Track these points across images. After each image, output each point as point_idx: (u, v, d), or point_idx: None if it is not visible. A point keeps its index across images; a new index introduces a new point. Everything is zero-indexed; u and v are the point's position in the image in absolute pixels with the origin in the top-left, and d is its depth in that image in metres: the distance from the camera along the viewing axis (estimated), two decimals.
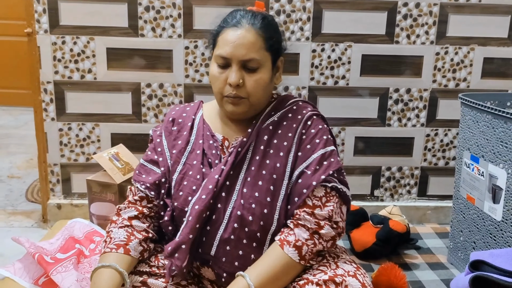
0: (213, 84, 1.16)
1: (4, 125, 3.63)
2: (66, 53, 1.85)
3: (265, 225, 1.13)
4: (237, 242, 1.13)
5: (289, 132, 1.17)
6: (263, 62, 1.13)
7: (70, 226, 1.70)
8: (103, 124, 1.93)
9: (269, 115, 1.20)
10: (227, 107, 1.16)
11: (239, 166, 1.16)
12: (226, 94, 1.13)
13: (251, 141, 1.17)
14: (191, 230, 1.11)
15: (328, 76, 1.93)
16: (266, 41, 1.13)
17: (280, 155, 1.15)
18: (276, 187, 1.13)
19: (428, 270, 1.68)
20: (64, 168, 1.96)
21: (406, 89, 1.96)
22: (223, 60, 1.12)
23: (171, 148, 1.22)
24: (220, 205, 1.14)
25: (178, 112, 1.27)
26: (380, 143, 2.01)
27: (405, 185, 2.07)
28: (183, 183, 1.17)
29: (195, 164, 1.18)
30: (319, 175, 1.12)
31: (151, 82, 1.90)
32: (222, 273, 1.15)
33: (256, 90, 1.13)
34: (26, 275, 1.52)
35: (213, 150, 1.19)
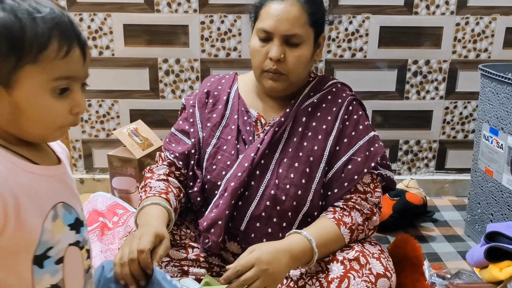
0: (253, 57, 1.14)
1: None
2: (84, 30, 1.87)
3: (298, 205, 1.14)
4: (267, 219, 1.14)
5: (328, 116, 1.16)
6: (305, 38, 1.11)
7: (93, 200, 1.76)
8: (121, 101, 1.96)
9: (308, 96, 1.19)
10: (266, 82, 1.14)
11: (274, 146, 1.16)
12: (266, 68, 1.11)
13: (289, 121, 1.16)
14: (226, 207, 1.12)
15: (345, 48, 1.91)
16: (310, 16, 1.11)
17: (319, 138, 1.15)
18: (312, 169, 1.14)
19: (445, 242, 1.69)
20: (85, 144, 2.01)
21: (425, 61, 1.93)
22: (265, 33, 1.10)
23: (203, 120, 1.22)
24: (253, 182, 1.14)
25: (214, 84, 1.26)
26: (398, 116, 2.00)
27: (423, 158, 2.06)
28: (217, 157, 1.18)
29: (230, 139, 1.18)
30: (370, 162, 1.14)
31: (167, 57, 1.91)
32: None
33: (296, 67, 1.11)
34: None
35: (247, 126, 1.19)
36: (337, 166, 1.15)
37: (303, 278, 1.09)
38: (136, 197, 1.78)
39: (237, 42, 1.89)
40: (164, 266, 1.17)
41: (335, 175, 1.15)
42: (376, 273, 1.05)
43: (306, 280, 1.09)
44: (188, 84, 1.95)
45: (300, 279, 1.09)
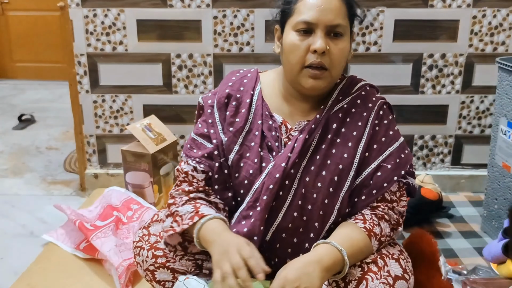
0: (292, 53, 1.06)
1: (41, 99, 3.74)
2: (98, 25, 1.88)
3: (325, 215, 1.10)
4: (294, 230, 1.11)
5: (359, 121, 1.11)
6: (346, 31, 1.07)
7: (107, 195, 1.77)
8: (135, 96, 1.96)
9: (338, 101, 1.14)
10: (306, 81, 1.07)
11: (303, 154, 1.11)
12: (308, 63, 1.05)
13: (319, 128, 1.11)
14: (261, 222, 1.08)
15: (359, 42, 1.89)
16: (349, 9, 1.08)
17: (349, 145, 1.10)
18: (341, 177, 1.09)
19: (461, 238, 1.67)
20: (99, 139, 2.02)
21: (440, 55, 1.90)
22: (306, 25, 1.04)
23: (223, 122, 1.15)
24: (282, 192, 1.10)
25: (236, 85, 1.18)
26: (413, 111, 1.97)
27: (439, 153, 2.03)
28: (240, 164, 1.13)
29: (253, 146, 1.12)
30: (400, 170, 1.10)
31: (180, 52, 1.91)
32: (273, 257, 1.14)
33: (339, 60, 1.07)
34: (68, 240, 1.61)
35: (272, 131, 1.13)
36: (366, 173, 1.10)
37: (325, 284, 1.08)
38: (149, 191, 1.79)
39: (250, 36, 1.88)
40: (178, 260, 1.16)
41: (363, 182, 1.10)
42: (394, 275, 1.03)
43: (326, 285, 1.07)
44: (201, 79, 1.94)
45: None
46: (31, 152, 2.60)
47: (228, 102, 1.16)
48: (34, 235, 1.74)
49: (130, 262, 1.37)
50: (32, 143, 2.73)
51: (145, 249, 1.16)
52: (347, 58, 1.12)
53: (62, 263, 1.52)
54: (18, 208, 1.96)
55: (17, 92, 3.92)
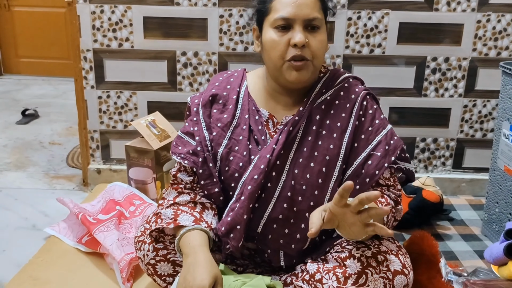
0: (273, 50, 1.10)
1: (45, 94, 3.76)
2: (105, 22, 1.89)
3: (315, 205, 1.11)
4: (284, 221, 1.13)
5: (342, 112, 1.14)
6: (322, 23, 1.12)
7: (110, 190, 1.78)
8: (140, 92, 1.97)
9: (321, 93, 1.17)
10: (289, 75, 1.10)
11: (289, 146, 1.14)
12: (289, 57, 1.08)
13: (303, 120, 1.14)
14: (244, 211, 1.10)
15: (363, 44, 1.90)
16: (322, 2, 1.13)
17: (334, 137, 1.13)
18: (328, 168, 1.12)
19: (461, 241, 1.67)
20: (103, 134, 2.03)
21: (444, 58, 1.91)
22: (284, 21, 1.08)
23: (207, 119, 1.19)
24: (270, 184, 1.13)
25: (222, 84, 1.23)
26: (415, 113, 1.98)
27: (440, 156, 2.04)
28: (229, 158, 1.15)
29: (241, 139, 1.16)
30: (390, 156, 1.13)
31: (186, 50, 1.93)
32: (266, 249, 1.17)
33: (320, 51, 1.11)
34: (70, 234, 1.61)
35: (259, 126, 1.17)
36: (357, 163, 1.13)
37: (320, 272, 1.09)
38: (152, 187, 1.80)
39: None
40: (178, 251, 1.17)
41: (355, 172, 1.13)
42: (393, 270, 1.05)
43: (323, 274, 1.09)
44: (206, 77, 1.96)
45: (317, 273, 1.09)
46: (34, 147, 2.61)
47: (213, 100, 1.20)
48: (37, 228, 1.75)
49: (132, 257, 1.38)
50: (35, 138, 2.74)
51: (146, 243, 1.17)
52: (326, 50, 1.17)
53: (64, 256, 1.53)
54: (20, 201, 1.97)
55: (21, 87, 3.93)
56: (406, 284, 1.06)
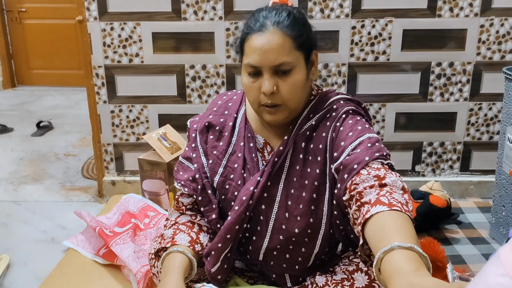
0: (248, 94, 1.09)
1: (58, 105, 3.84)
2: (115, 38, 1.95)
3: (313, 231, 1.12)
4: (284, 249, 1.14)
5: (323, 132, 1.10)
6: (295, 63, 1.05)
7: (125, 201, 1.83)
8: (151, 106, 2.03)
9: (307, 119, 1.13)
10: (265, 116, 1.09)
11: (276, 177, 1.11)
12: (262, 103, 1.07)
13: (288, 149, 1.11)
14: (220, 239, 1.11)
15: (368, 52, 1.93)
16: (295, 39, 1.04)
17: (318, 160, 1.09)
18: (319, 193, 1.10)
19: (469, 245, 1.70)
20: (116, 147, 2.09)
21: (448, 63, 1.94)
22: (253, 68, 1.05)
23: (204, 145, 1.19)
24: (262, 217, 1.13)
25: (220, 110, 1.21)
26: (421, 118, 2.01)
27: (447, 160, 2.06)
28: (225, 186, 1.16)
29: (236, 167, 1.15)
30: (373, 152, 0.98)
31: (194, 63, 1.98)
32: (271, 274, 1.19)
33: (292, 95, 1.06)
34: (88, 246, 1.67)
35: (252, 153, 1.15)
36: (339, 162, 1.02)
37: (329, 285, 1.12)
38: (165, 199, 1.85)
39: None
40: None
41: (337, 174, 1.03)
42: None
43: (331, 286, 1.11)
44: (214, 89, 2.00)
45: (326, 286, 1.11)
46: (50, 159, 2.68)
47: (209, 127, 1.20)
48: (55, 241, 1.81)
49: (148, 268, 1.43)
50: (50, 150, 2.82)
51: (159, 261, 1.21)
52: (307, 84, 1.11)
53: (83, 268, 1.59)
54: (39, 214, 2.04)
55: (35, 99, 4.02)
56: None
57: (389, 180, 0.92)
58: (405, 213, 0.85)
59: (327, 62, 1.94)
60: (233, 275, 1.23)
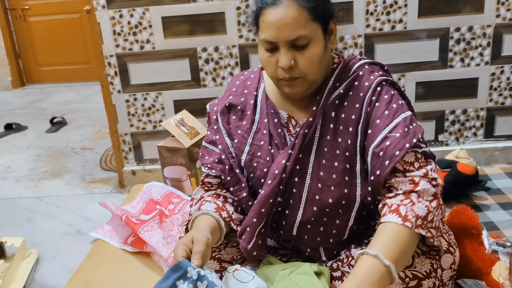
0: (265, 68, 1.09)
1: (69, 100, 3.84)
2: (124, 26, 1.92)
3: (347, 203, 1.10)
4: (318, 221, 1.13)
5: (356, 103, 1.08)
6: (312, 36, 1.02)
7: (147, 190, 1.83)
8: (165, 92, 2.01)
9: (334, 88, 1.11)
10: (284, 89, 1.08)
11: (307, 149, 1.10)
12: (280, 77, 1.06)
13: (318, 120, 1.10)
14: (255, 214, 1.11)
15: (384, 21, 1.88)
16: (311, 11, 1.02)
17: (350, 131, 1.08)
18: (351, 164, 1.08)
19: (500, 210, 1.67)
20: (134, 136, 2.08)
21: (467, 27, 1.88)
22: (270, 44, 1.03)
23: (227, 126, 1.19)
24: (295, 190, 1.12)
25: (239, 90, 1.20)
26: (442, 86, 1.96)
27: (471, 127, 2.02)
28: (253, 164, 1.15)
29: (263, 145, 1.14)
30: (411, 138, 1.01)
31: (206, 46, 1.94)
32: (305, 249, 1.18)
33: (310, 67, 1.04)
34: (116, 236, 1.67)
35: (278, 129, 1.14)
36: (373, 147, 1.04)
37: None
38: (188, 184, 1.84)
39: None
40: (223, 248, 1.19)
41: (373, 157, 1.04)
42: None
43: None
44: (228, 71, 1.97)
45: None
46: (67, 153, 2.68)
47: (230, 107, 1.19)
48: (81, 233, 1.81)
49: None
50: (66, 145, 2.82)
51: None
52: (330, 49, 1.10)
53: (112, 258, 1.59)
54: (62, 208, 2.04)
55: (45, 96, 4.02)
56: (453, 262, 1.07)
57: (421, 188, 0.98)
58: (414, 230, 0.94)
59: (342, 35, 1.90)
60: (266, 253, 1.21)
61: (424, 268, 1.03)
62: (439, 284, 1.05)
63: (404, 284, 1.02)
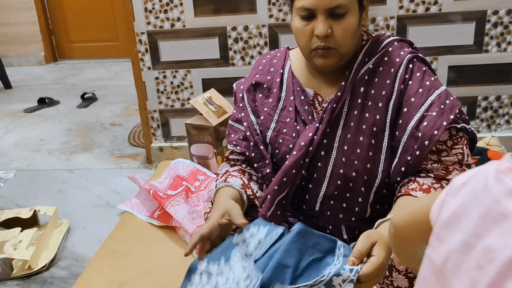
0: (298, 38, 1.08)
1: (99, 77, 3.91)
2: (156, 3, 1.93)
3: (369, 179, 1.10)
4: (341, 197, 1.14)
5: (387, 79, 1.08)
6: (350, 6, 1.03)
7: (174, 166, 1.86)
8: (194, 70, 2.02)
9: (363, 63, 1.11)
10: (316, 61, 1.08)
11: (335, 123, 1.11)
12: (314, 47, 1.06)
13: (347, 95, 1.10)
14: (276, 182, 1.12)
15: (418, 3, 1.83)
16: None
17: (379, 106, 1.08)
18: (377, 140, 1.09)
19: None
20: (162, 113, 2.11)
21: (506, 11, 1.81)
22: (307, 11, 1.03)
23: (252, 104, 1.20)
24: (320, 163, 1.13)
25: (265, 68, 1.22)
26: (476, 71, 1.90)
27: (504, 114, 1.96)
28: (278, 141, 1.16)
29: (289, 121, 1.15)
30: (448, 115, 1.02)
31: (236, 25, 1.94)
32: (327, 225, 1.19)
33: (345, 39, 1.05)
34: (143, 209, 1.72)
35: (305, 106, 1.15)
36: (411, 126, 1.05)
37: None
38: (214, 162, 1.87)
39: None
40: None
41: (411, 136, 1.05)
42: None
43: None
44: (257, 50, 1.97)
45: None
46: (96, 129, 2.75)
47: (256, 85, 1.20)
48: (110, 205, 1.87)
49: None
50: (96, 120, 2.89)
51: None
52: (362, 25, 1.10)
53: (139, 230, 1.63)
54: (92, 181, 2.11)
55: (76, 72, 4.11)
56: None
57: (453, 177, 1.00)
58: None
59: (374, 17, 1.86)
60: None
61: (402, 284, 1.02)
62: None
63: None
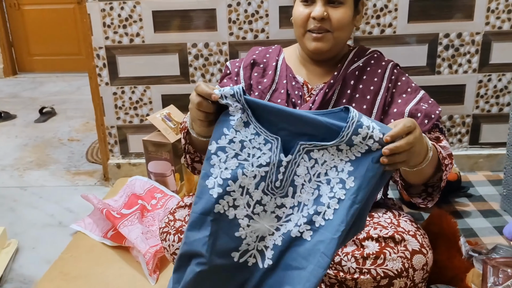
0: (296, 19, 1.20)
1: (60, 91, 3.81)
2: (115, 18, 1.91)
3: None
4: None
5: (375, 77, 1.23)
6: (346, 0, 1.17)
7: (131, 184, 1.82)
8: (153, 86, 2.00)
9: (353, 61, 1.25)
10: (309, 44, 1.19)
11: (324, 107, 1.21)
12: (309, 27, 1.17)
13: (338, 84, 1.22)
14: None
15: (374, 25, 1.88)
16: None
17: (367, 98, 1.21)
18: None
19: (480, 218, 1.68)
20: (120, 129, 2.07)
21: (457, 34, 1.89)
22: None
23: (248, 80, 1.27)
24: None
25: (261, 53, 1.32)
26: (429, 91, 1.91)
27: (456, 133, 2.03)
28: None
29: (280, 102, 1.24)
30: (436, 107, 1.19)
31: (196, 42, 1.94)
32: None
33: (340, 24, 1.17)
34: (96, 229, 1.66)
35: (296, 91, 1.25)
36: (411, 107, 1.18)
37: (339, 255, 1.11)
38: (171, 180, 1.84)
39: (264, 23, 1.89)
40: None
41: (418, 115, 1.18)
42: (411, 249, 1.06)
43: (342, 256, 1.11)
44: (217, 67, 1.97)
45: (336, 256, 1.11)
46: (54, 144, 2.67)
47: (254, 64, 1.29)
48: (63, 225, 1.81)
49: (156, 249, 1.42)
50: (54, 135, 2.80)
51: (171, 234, 1.21)
52: (354, 25, 1.24)
53: (91, 251, 1.58)
54: (45, 199, 2.03)
55: (36, 85, 4.00)
56: (425, 263, 1.08)
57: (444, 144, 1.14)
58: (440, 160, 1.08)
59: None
60: None
61: (395, 266, 1.04)
62: (410, 284, 1.06)
63: (375, 282, 1.03)
